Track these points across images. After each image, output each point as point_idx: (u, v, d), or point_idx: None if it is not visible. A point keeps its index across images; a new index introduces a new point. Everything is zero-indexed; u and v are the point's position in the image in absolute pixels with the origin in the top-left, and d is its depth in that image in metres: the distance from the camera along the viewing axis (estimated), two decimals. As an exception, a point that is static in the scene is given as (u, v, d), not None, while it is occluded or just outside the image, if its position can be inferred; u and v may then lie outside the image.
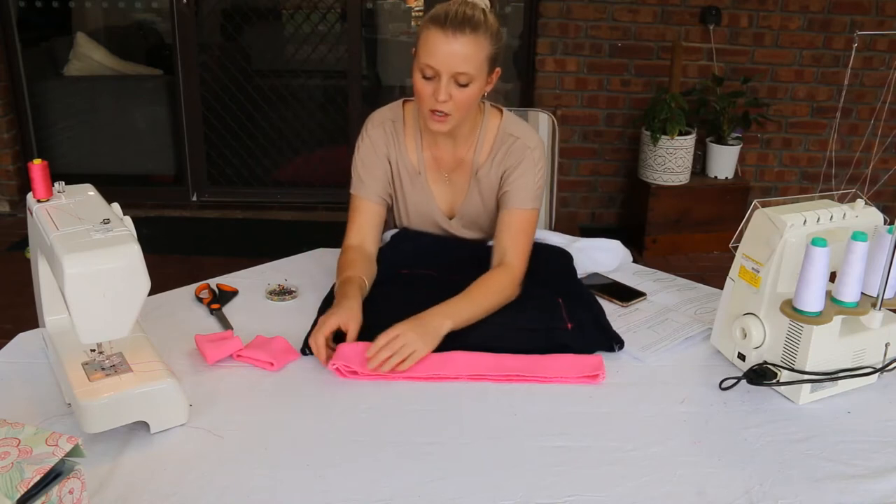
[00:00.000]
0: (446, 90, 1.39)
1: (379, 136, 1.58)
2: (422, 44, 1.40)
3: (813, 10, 3.73)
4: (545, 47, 3.77)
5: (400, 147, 1.58)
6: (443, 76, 1.39)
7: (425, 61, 1.39)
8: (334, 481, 0.99)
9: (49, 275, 1.14)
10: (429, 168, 1.60)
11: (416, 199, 1.62)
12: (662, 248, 3.69)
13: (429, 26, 1.39)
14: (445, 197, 1.63)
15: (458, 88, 1.40)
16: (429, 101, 1.42)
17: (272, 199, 4.18)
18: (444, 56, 1.37)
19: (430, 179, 1.61)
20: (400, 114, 1.59)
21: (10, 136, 3.93)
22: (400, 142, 1.58)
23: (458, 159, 1.59)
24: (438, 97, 1.40)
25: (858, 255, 1.12)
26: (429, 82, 1.41)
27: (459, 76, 1.39)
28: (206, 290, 1.50)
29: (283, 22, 4.29)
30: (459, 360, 1.26)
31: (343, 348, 1.26)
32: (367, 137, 1.59)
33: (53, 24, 4.18)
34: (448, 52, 1.37)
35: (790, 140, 3.99)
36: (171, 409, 1.08)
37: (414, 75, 1.43)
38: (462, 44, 1.36)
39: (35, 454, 0.82)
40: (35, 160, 1.08)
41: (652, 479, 1.01)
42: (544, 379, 1.23)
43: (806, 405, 1.18)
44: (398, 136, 1.58)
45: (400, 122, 1.58)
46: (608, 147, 3.95)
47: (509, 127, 1.58)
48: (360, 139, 1.60)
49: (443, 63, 1.38)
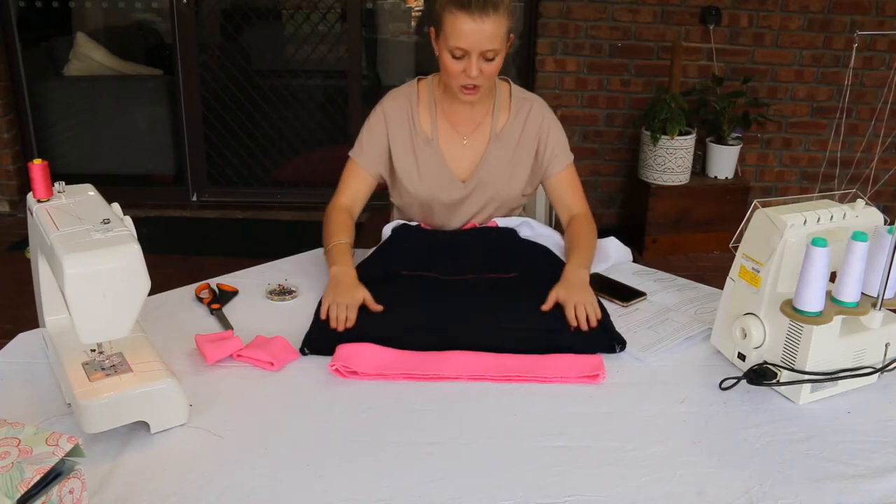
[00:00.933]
0: (477, 66, 1.52)
1: (393, 108, 1.69)
2: (448, 27, 1.50)
3: (813, 10, 3.73)
4: (545, 47, 3.77)
5: (414, 117, 1.69)
6: (473, 55, 1.51)
7: (455, 44, 1.50)
8: (334, 481, 0.99)
9: (49, 275, 1.14)
10: (442, 135, 1.70)
11: (429, 165, 1.69)
12: (662, 248, 3.69)
13: (453, 10, 1.49)
14: (460, 162, 1.71)
15: (487, 63, 1.53)
16: (460, 77, 1.55)
17: (272, 199, 4.18)
18: (473, 38, 1.49)
19: (442, 145, 1.69)
20: (415, 89, 1.71)
21: (11, 136, 3.93)
22: (414, 112, 1.69)
23: (476, 123, 1.70)
24: (471, 74, 1.52)
25: (858, 256, 1.12)
26: (459, 61, 1.53)
27: (488, 52, 1.51)
28: (207, 289, 1.50)
29: (283, 22, 4.29)
30: (460, 360, 1.26)
31: (343, 349, 1.26)
32: (380, 110, 1.71)
33: (53, 24, 4.18)
34: (476, 33, 1.48)
35: (790, 140, 3.99)
36: (172, 409, 1.08)
37: (441, 55, 1.55)
38: (488, 24, 1.48)
39: (35, 454, 0.82)
40: (35, 160, 1.08)
41: (652, 479, 1.01)
42: (544, 379, 1.23)
43: (806, 405, 1.18)
44: (413, 107, 1.69)
45: (415, 96, 1.70)
46: (608, 147, 3.95)
47: (520, 93, 1.74)
48: (374, 111, 1.71)
49: (472, 44, 1.49)
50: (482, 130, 1.70)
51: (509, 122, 1.70)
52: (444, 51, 1.53)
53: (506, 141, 1.70)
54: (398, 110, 1.69)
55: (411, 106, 1.69)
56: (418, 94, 1.70)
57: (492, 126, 1.70)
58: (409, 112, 1.69)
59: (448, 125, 1.70)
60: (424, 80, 1.73)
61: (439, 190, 1.70)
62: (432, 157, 1.69)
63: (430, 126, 1.69)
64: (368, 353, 1.26)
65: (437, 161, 1.69)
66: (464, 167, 1.71)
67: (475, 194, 1.71)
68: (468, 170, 1.71)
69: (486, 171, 1.70)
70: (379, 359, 1.26)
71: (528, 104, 1.71)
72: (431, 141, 1.69)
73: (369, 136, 1.70)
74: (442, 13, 1.51)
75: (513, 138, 1.70)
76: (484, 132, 1.70)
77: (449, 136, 1.70)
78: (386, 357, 1.26)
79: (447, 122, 1.70)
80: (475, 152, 1.70)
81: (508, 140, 1.70)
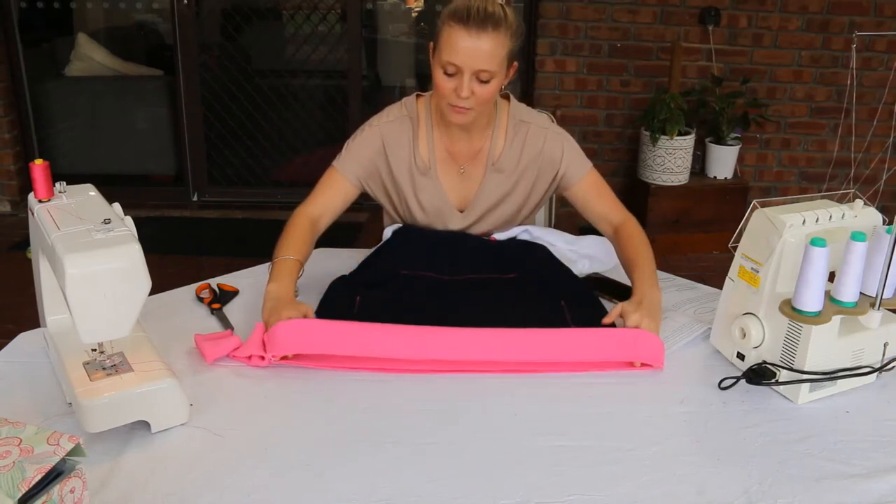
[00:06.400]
0: (468, 87, 1.41)
1: (392, 133, 1.58)
2: (443, 40, 1.41)
3: (812, 11, 3.74)
4: (545, 48, 3.77)
5: (414, 145, 1.59)
6: (465, 73, 1.40)
7: (447, 59, 1.40)
8: (334, 480, 0.99)
9: (50, 275, 1.14)
10: (440, 162, 1.60)
11: (427, 194, 1.62)
12: (662, 248, 3.70)
13: (450, 23, 1.39)
14: (457, 191, 1.63)
15: (480, 85, 1.42)
16: (450, 96, 1.43)
17: (272, 199, 4.18)
18: (467, 54, 1.38)
19: (440, 174, 1.61)
20: (414, 109, 1.60)
21: (12, 136, 3.93)
22: (414, 139, 1.59)
23: (473, 151, 1.60)
24: (461, 94, 1.41)
25: (857, 255, 1.12)
26: (450, 78, 1.42)
27: (481, 73, 1.40)
28: (207, 289, 1.50)
29: (284, 22, 4.30)
30: (485, 342, 1.24)
31: (278, 330, 1.23)
32: (378, 132, 1.59)
33: (55, 25, 4.18)
34: (471, 50, 1.38)
35: (789, 140, 3.99)
36: (172, 408, 1.08)
37: (434, 71, 1.44)
38: (485, 41, 1.38)
39: (36, 453, 0.83)
40: (36, 160, 1.08)
41: (652, 479, 1.01)
42: (579, 365, 1.24)
43: (805, 405, 1.19)
44: (413, 133, 1.59)
45: (415, 121, 1.59)
46: (607, 147, 3.95)
47: (519, 114, 1.61)
48: (370, 125, 1.60)
49: (466, 61, 1.39)
50: (480, 158, 1.60)
51: (506, 150, 1.59)
52: (437, 66, 1.43)
53: (503, 169, 1.60)
54: (398, 136, 1.58)
55: (412, 132, 1.58)
56: (418, 117, 1.59)
57: (489, 154, 1.60)
58: (410, 139, 1.58)
59: (445, 152, 1.60)
60: (424, 97, 1.62)
61: (437, 220, 1.64)
62: (430, 186, 1.60)
63: (427, 153, 1.59)
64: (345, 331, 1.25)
65: (435, 191, 1.61)
66: (461, 197, 1.63)
67: (474, 225, 1.65)
68: (465, 200, 1.63)
69: (483, 202, 1.62)
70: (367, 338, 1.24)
71: (524, 128, 1.59)
72: (429, 170, 1.59)
73: (360, 151, 1.58)
74: (441, 27, 1.42)
75: (510, 166, 1.60)
76: (482, 160, 1.60)
77: (446, 164, 1.60)
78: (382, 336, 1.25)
79: (444, 149, 1.60)
80: (472, 182, 1.61)
81: (506, 168, 1.60)
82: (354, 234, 3.55)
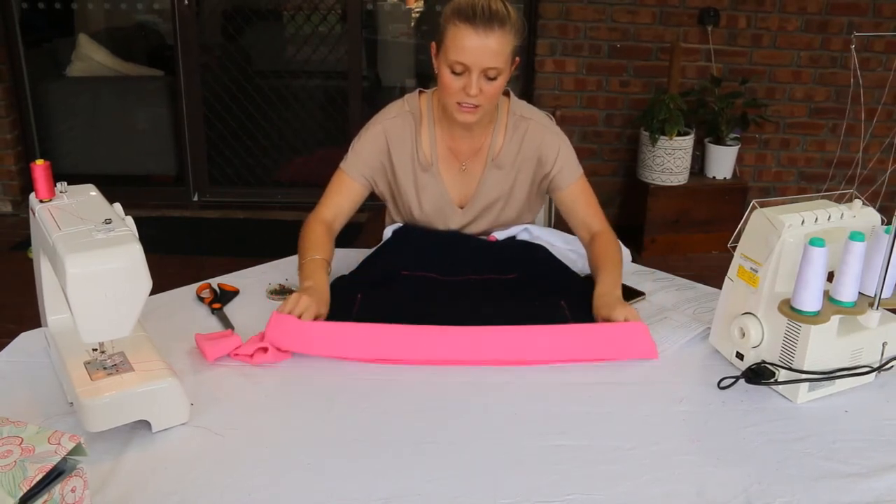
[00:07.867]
0: (477, 85, 1.42)
1: (395, 129, 1.59)
2: (450, 40, 1.42)
3: (810, 12, 3.74)
4: (544, 48, 3.77)
5: (416, 140, 1.60)
6: (473, 72, 1.41)
7: (455, 58, 1.41)
8: (334, 480, 0.99)
9: (51, 274, 1.14)
10: (442, 159, 1.61)
11: (428, 190, 1.63)
12: (661, 248, 3.70)
13: (456, 22, 1.40)
14: (458, 187, 1.64)
15: (487, 82, 1.43)
16: (458, 94, 1.45)
17: (273, 199, 4.19)
18: (475, 53, 1.39)
19: (442, 170, 1.62)
20: (416, 106, 1.61)
21: (13, 136, 3.94)
22: (417, 135, 1.60)
23: (475, 148, 1.61)
24: (470, 92, 1.42)
25: (856, 255, 1.13)
26: (458, 77, 1.43)
27: (489, 70, 1.42)
28: (208, 289, 1.50)
29: (284, 23, 4.30)
30: (491, 340, 1.27)
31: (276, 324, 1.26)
32: (381, 128, 1.60)
33: (56, 26, 4.19)
34: (479, 48, 1.39)
35: (788, 140, 4.00)
36: (173, 408, 1.08)
37: (440, 70, 1.45)
38: (492, 40, 1.39)
39: (37, 453, 0.83)
40: (38, 160, 1.09)
41: (651, 479, 1.01)
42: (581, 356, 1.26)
43: (804, 404, 1.19)
44: (415, 129, 1.60)
45: (417, 116, 1.60)
46: (607, 147, 3.95)
47: (519, 109, 1.62)
48: (373, 123, 1.61)
49: (474, 60, 1.40)
50: (481, 155, 1.61)
51: (505, 145, 1.60)
52: (444, 66, 1.44)
53: (503, 165, 1.61)
54: (400, 132, 1.59)
55: (414, 127, 1.59)
56: (421, 114, 1.60)
57: (489, 150, 1.61)
58: (412, 135, 1.59)
59: (447, 149, 1.61)
60: (426, 94, 1.63)
61: (438, 216, 1.65)
62: (432, 183, 1.62)
63: (429, 149, 1.60)
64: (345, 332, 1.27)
65: (436, 187, 1.62)
66: (462, 194, 1.64)
67: (474, 222, 1.66)
68: (466, 197, 1.64)
69: (483, 198, 1.63)
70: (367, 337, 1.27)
71: (524, 124, 1.60)
72: (431, 166, 1.60)
73: (366, 150, 1.59)
74: (445, 26, 1.43)
75: (510, 162, 1.61)
76: (482, 157, 1.61)
77: (448, 160, 1.61)
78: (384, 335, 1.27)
79: (446, 146, 1.61)
80: (473, 178, 1.63)
81: (505, 164, 1.61)
82: (354, 234, 3.55)
